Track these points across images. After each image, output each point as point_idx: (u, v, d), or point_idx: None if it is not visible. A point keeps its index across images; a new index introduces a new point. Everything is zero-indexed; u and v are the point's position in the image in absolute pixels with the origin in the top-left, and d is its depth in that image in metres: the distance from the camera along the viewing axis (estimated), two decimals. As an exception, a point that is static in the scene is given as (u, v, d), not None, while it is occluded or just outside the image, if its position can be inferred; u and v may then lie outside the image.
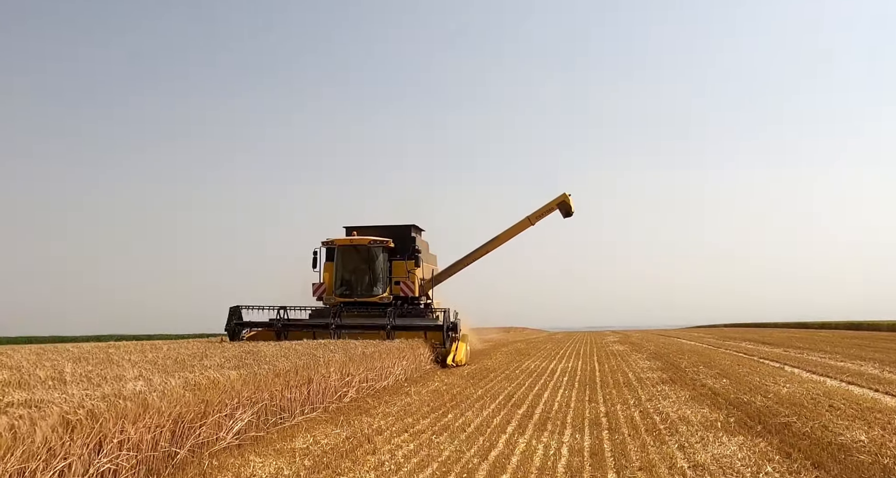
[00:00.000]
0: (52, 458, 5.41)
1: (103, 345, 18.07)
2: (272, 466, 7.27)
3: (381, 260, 23.19)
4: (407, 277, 23.46)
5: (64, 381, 8.06)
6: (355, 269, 23.31)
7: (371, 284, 23.12)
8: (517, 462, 7.40)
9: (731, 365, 18.78)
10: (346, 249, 23.27)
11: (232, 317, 21.44)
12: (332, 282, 23.05)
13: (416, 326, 20.79)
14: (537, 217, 25.65)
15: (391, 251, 23.48)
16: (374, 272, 23.15)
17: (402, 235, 24.10)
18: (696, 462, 7.31)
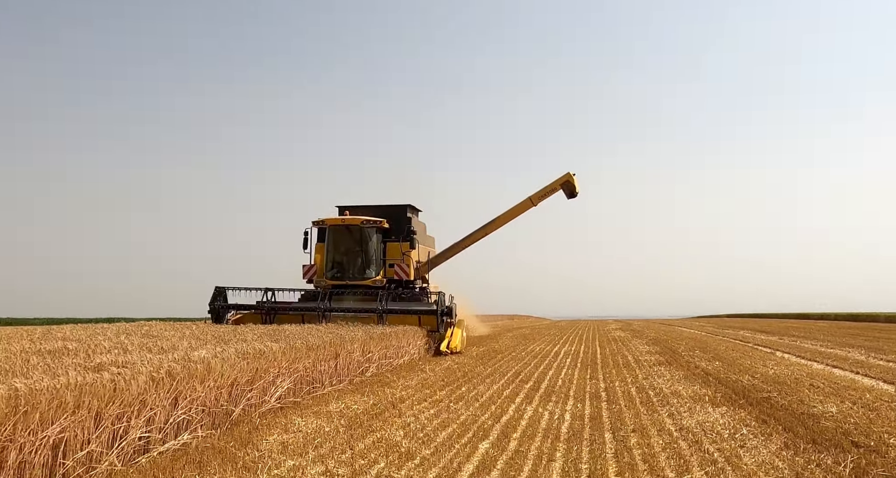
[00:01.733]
0: (143, 408, 6.51)
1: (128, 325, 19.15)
2: (313, 424, 8.37)
3: (374, 241, 22.19)
4: (401, 259, 22.33)
5: (126, 349, 9.16)
6: (347, 250, 22.26)
7: (364, 266, 22.08)
8: (526, 424, 8.50)
9: (726, 350, 19.86)
10: (337, 229, 22.14)
11: (216, 298, 20.34)
12: (323, 264, 22.00)
13: (409, 311, 19.73)
14: (539, 197, 24.19)
15: (385, 232, 22.49)
16: (367, 254, 22.15)
17: (397, 216, 22.93)
18: (682, 426, 8.40)
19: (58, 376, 5.94)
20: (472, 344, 23.05)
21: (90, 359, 7.62)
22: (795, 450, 7.04)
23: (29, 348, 9.23)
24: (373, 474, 6.07)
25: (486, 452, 6.97)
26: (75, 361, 7.34)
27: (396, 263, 22.29)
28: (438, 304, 19.59)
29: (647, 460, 6.65)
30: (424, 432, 7.98)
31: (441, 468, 6.28)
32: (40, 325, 30.07)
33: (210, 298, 20.26)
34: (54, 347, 9.27)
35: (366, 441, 7.43)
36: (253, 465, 6.31)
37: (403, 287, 22.51)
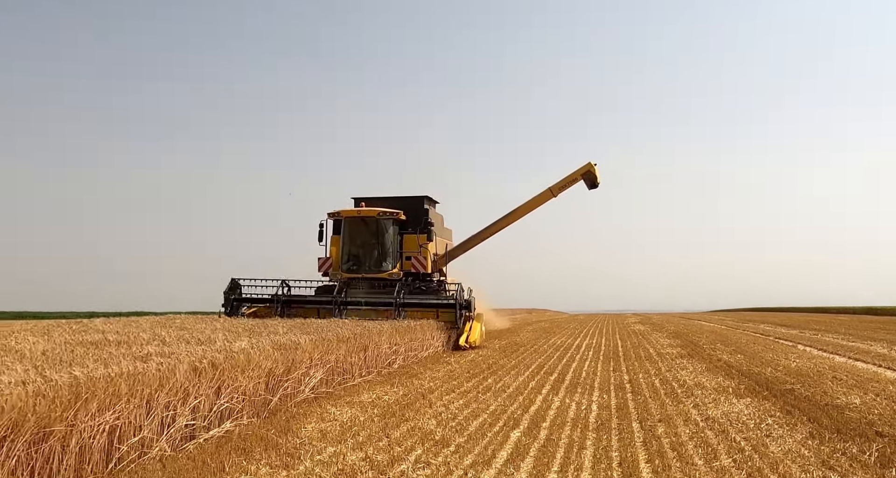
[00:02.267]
0: (188, 397, 6.79)
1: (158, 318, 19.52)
2: (347, 413, 8.63)
3: (390, 233, 21.70)
4: (418, 251, 21.81)
5: (165, 341, 9.46)
6: (363, 243, 21.80)
7: (380, 258, 21.62)
8: (554, 414, 8.71)
9: (747, 343, 19.95)
10: (353, 221, 21.75)
11: (231, 291, 20.21)
12: (338, 256, 21.62)
13: (427, 304, 19.43)
14: (560, 188, 23.50)
15: (402, 224, 22.02)
16: (384, 246, 21.67)
17: (414, 208, 22.42)
18: (707, 416, 8.57)
19: (110, 366, 6.22)
20: (494, 337, 23.27)
21: (136, 350, 7.91)
22: (821, 439, 7.19)
23: (72, 340, 9.55)
24: (411, 460, 6.31)
25: (518, 440, 7.19)
26: (121, 351, 7.64)
27: (413, 255, 21.85)
28: (457, 297, 19.25)
29: (675, 448, 6.84)
30: (456, 421, 8.21)
31: (476, 455, 6.51)
32: (58, 318, 30.68)
33: (225, 291, 20.17)
34: (96, 339, 9.59)
35: (400, 430, 7.67)
36: (295, 451, 6.57)
37: (420, 280, 22.05)
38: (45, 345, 8.66)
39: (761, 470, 6.02)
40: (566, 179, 23.64)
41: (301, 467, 6.02)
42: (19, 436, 4.77)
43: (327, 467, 6.04)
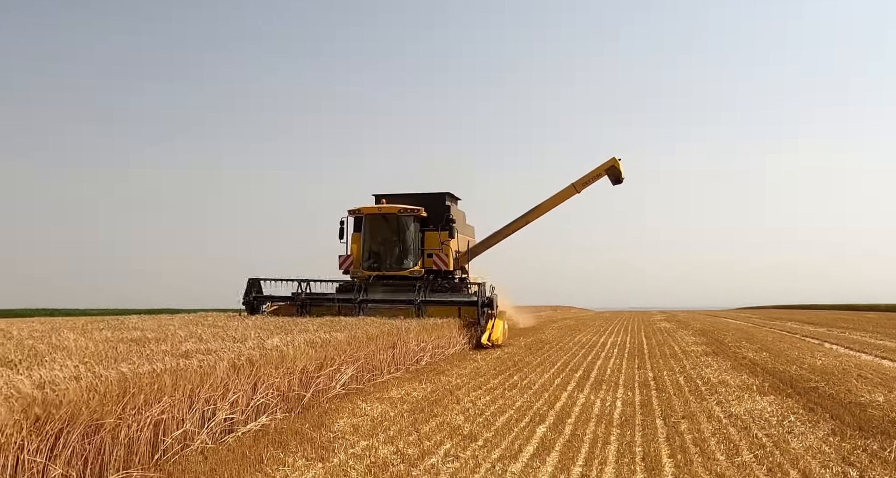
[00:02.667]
0: (227, 392, 7.09)
1: (190, 315, 19.95)
2: (378, 409, 8.90)
3: (411, 230, 21.46)
4: (440, 249, 21.52)
5: (202, 338, 9.79)
6: (384, 240, 21.56)
7: (401, 256, 21.40)
8: (579, 411, 8.91)
9: (773, 341, 19.94)
10: (373, 218, 21.49)
11: (251, 289, 20.02)
12: (359, 254, 21.43)
13: (449, 302, 19.18)
14: (583, 184, 23.04)
15: (424, 221, 21.75)
16: (405, 244, 21.43)
17: (435, 204, 22.15)
18: (730, 413, 8.72)
19: (154, 362, 6.53)
20: (519, 335, 23.47)
21: (176, 347, 8.24)
22: (842, 436, 7.32)
23: (112, 337, 9.91)
24: (440, 453, 6.55)
25: (544, 435, 7.40)
26: (162, 348, 7.96)
27: (435, 252, 21.56)
28: (479, 295, 18.95)
29: (697, 444, 7.01)
30: (483, 416, 8.44)
31: (503, 449, 6.73)
32: (82, 315, 31.28)
33: (245, 291, 19.98)
34: (135, 337, 9.95)
35: (429, 425, 7.92)
36: (329, 445, 6.84)
37: (442, 278, 21.71)
38: (88, 343, 9.02)
39: (781, 465, 6.17)
40: (590, 174, 23.16)
41: (336, 459, 6.29)
42: (74, 428, 5.08)
43: (360, 460, 6.30)
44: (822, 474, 5.88)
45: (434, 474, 5.85)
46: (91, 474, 5.24)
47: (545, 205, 23.33)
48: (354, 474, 5.79)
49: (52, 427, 4.90)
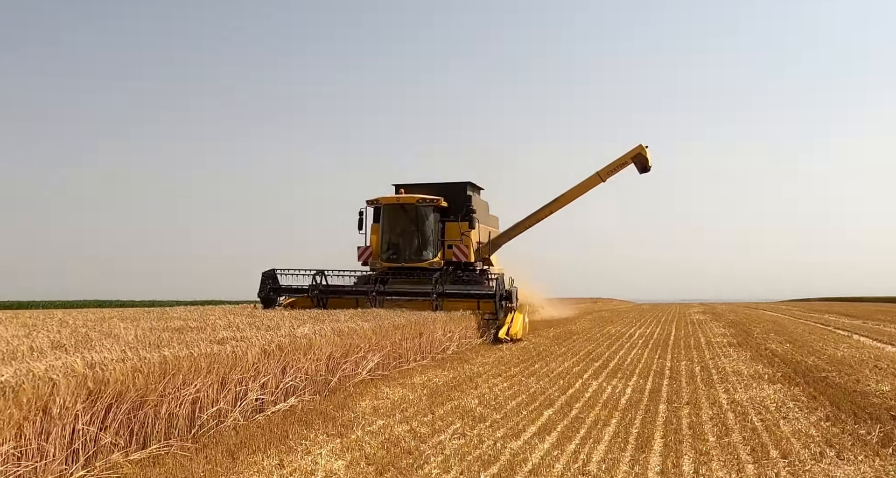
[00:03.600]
0: (258, 375, 7.80)
1: (229, 307, 20.91)
2: (399, 393, 9.54)
3: (431, 221, 20.94)
4: (460, 240, 21.08)
5: (239, 327, 10.55)
6: (403, 231, 21.08)
7: (420, 247, 20.88)
8: (589, 396, 9.44)
9: (802, 333, 20.09)
10: (392, 208, 21.06)
11: (266, 282, 19.83)
12: (378, 245, 21.09)
13: (465, 295, 18.52)
14: (608, 172, 22.56)
15: (444, 212, 21.32)
16: (424, 235, 20.89)
17: (456, 194, 21.64)
18: (733, 400, 9.16)
19: (192, 348, 7.26)
20: (550, 326, 23.94)
21: (213, 335, 8.99)
22: (834, 421, 7.72)
23: (157, 326, 10.74)
24: (449, 432, 7.16)
25: (549, 417, 7.96)
26: (201, 336, 8.72)
27: (455, 243, 21.13)
28: (496, 287, 18.33)
29: (692, 427, 7.49)
30: (497, 401, 9.02)
31: (508, 429, 7.31)
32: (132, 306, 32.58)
33: (260, 283, 19.86)
34: (178, 326, 10.76)
35: (445, 407, 8.53)
36: (349, 423, 7.50)
37: (462, 269, 21.17)
38: (136, 331, 9.84)
39: (765, 446, 6.63)
40: (615, 162, 22.66)
41: (353, 435, 6.94)
42: (122, 403, 5.81)
43: (375, 436, 6.94)
44: (801, 454, 6.33)
45: (440, 449, 6.46)
46: (136, 443, 5.98)
47: (568, 195, 22.93)
48: (368, 448, 6.43)
49: (102, 402, 5.63)
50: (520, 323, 17.88)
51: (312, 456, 6.17)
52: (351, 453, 6.29)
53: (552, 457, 6.18)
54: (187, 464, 5.83)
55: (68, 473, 5.20)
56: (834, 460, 6.14)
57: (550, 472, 5.72)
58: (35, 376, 5.22)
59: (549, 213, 23.05)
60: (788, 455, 6.28)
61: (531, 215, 23.24)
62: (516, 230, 23.52)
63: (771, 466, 5.94)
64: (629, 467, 5.87)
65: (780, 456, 6.28)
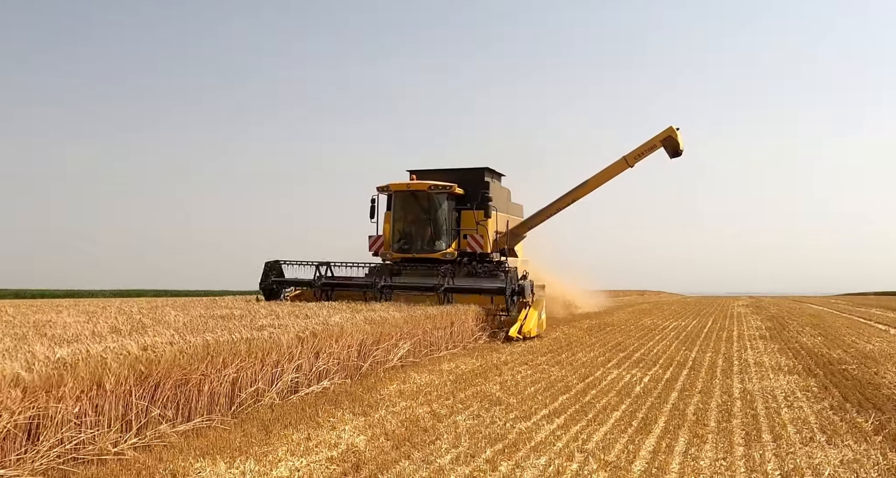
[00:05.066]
0: (293, 359, 8.50)
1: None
2: (426, 379, 10.17)
3: (444, 209, 19.59)
4: (475, 229, 19.72)
5: (278, 316, 11.30)
6: (416, 219, 19.89)
7: (433, 237, 19.57)
8: (605, 384, 9.92)
9: (839, 327, 20.09)
10: (403, 195, 19.81)
11: (269, 273, 18.88)
12: (390, 235, 19.90)
13: (474, 289, 17.15)
14: (636, 157, 20.98)
15: (459, 199, 20.00)
16: (437, 223, 19.59)
17: (473, 181, 20.26)
18: (745, 389, 9.54)
19: (233, 333, 8.00)
20: (585, 318, 24.30)
21: (254, 322, 9.75)
22: (836, 410, 8.08)
23: (204, 314, 11.56)
24: (466, 413, 7.75)
25: (562, 402, 8.48)
26: (243, 323, 9.48)
27: (470, 233, 19.76)
28: (507, 281, 16.87)
29: (697, 414, 7.93)
30: (517, 387, 9.58)
31: (520, 411, 7.87)
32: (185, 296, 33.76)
33: (262, 274, 19.01)
34: (224, 314, 11.57)
35: (466, 392, 9.12)
36: (375, 404, 8.15)
37: (478, 261, 19.77)
38: (185, 318, 10.66)
39: (759, 430, 7.06)
40: (643, 146, 21.08)
41: (376, 415, 7.59)
42: (168, 380, 6.54)
43: (397, 415, 7.58)
44: (792, 438, 6.75)
45: (454, 427, 7.05)
46: (181, 416, 6.71)
47: (593, 181, 21.48)
48: (388, 426, 7.06)
49: (152, 379, 6.37)
50: (534, 320, 16.59)
51: (337, 432, 6.83)
52: (372, 429, 6.94)
53: (555, 436, 6.73)
54: (226, 436, 6.55)
55: (122, 440, 5.95)
56: (821, 444, 6.54)
57: (551, 448, 6.26)
58: (90, 355, 5.98)
59: (573, 201, 21.65)
60: (779, 439, 6.70)
61: (553, 203, 21.88)
62: (537, 219, 22.19)
63: (759, 448, 6.38)
64: (624, 446, 6.38)
65: (771, 440, 6.70)
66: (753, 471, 5.65)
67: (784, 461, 5.92)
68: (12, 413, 5.04)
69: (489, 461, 5.83)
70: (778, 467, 5.78)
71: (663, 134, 20.93)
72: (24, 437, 5.15)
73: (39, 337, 7.55)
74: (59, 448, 5.34)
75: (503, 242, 20.93)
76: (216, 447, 6.14)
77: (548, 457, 5.98)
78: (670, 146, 21.07)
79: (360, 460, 5.80)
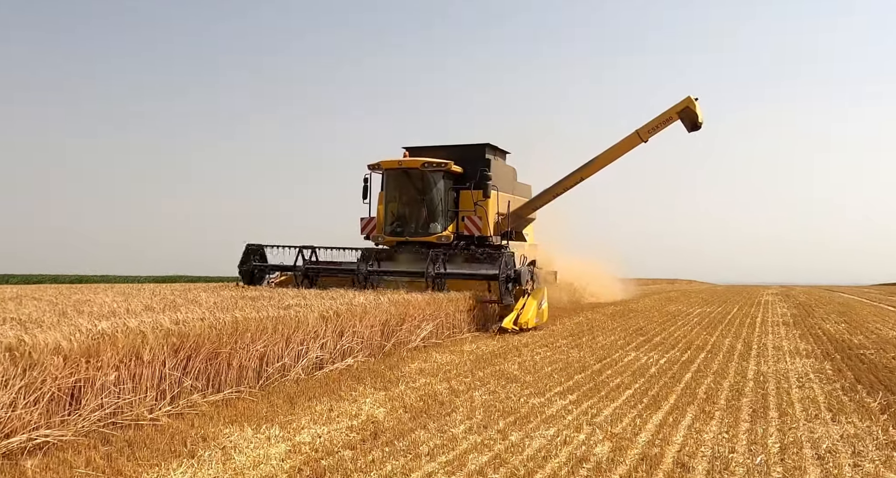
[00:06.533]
0: (318, 337, 8.88)
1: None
2: (447, 358, 10.50)
3: (439, 188, 18.25)
4: (473, 211, 18.38)
5: (305, 297, 11.69)
6: (410, 200, 18.60)
7: (428, 219, 18.34)
8: (621, 365, 10.16)
9: (866, 315, 20.03)
10: (395, 174, 18.51)
11: (250, 257, 17.74)
12: (383, 216, 18.75)
13: (465, 275, 15.59)
14: (650, 131, 19.43)
15: (458, 178, 18.64)
16: (431, 204, 18.31)
17: (473, 158, 18.79)
18: (759, 371, 9.73)
19: (261, 311, 8.39)
20: (610, 304, 24.45)
21: (282, 302, 10.15)
22: (846, 391, 8.25)
23: (234, 295, 12.01)
24: (482, 390, 8.06)
25: (577, 380, 8.76)
26: (271, 303, 9.88)
27: (467, 215, 18.45)
28: (501, 267, 14.96)
29: (708, 393, 8.15)
30: (534, 366, 9.86)
31: (535, 388, 8.17)
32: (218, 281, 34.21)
33: (242, 256, 17.82)
34: (253, 295, 12.00)
35: (485, 371, 9.43)
36: (396, 380, 8.50)
37: (477, 245, 18.42)
38: (216, 298, 11.10)
39: (766, 408, 7.28)
40: (658, 119, 19.51)
41: (396, 390, 7.94)
42: (200, 354, 6.95)
43: (416, 390, 7.92)
44: (797, 415, 6.95)
45: (470, 401, 7.37)
46: (212, 387, 7.12)
47: (603, 158, 20.04)
48: (407, 399, 7.41)
49: (184, 352, 6.78)
50: (533, 310, 14.98)
51: (358, 404, 7.18)
52: (392, 402, 7.28)
53: (566, 410, 7.01)
54: (253, 406, 6.94)
55: (157, 407, 6.37)
56: (825, 421, 6.74)
57: (561, 421, 6.55)
58: (128, 328, 6.39)
59: (580, 179, 20.26)
60: (784, 416, 6.92)
61: (559, 182, 20.47)
62: (542, 200, 20.84)
63: (764, 423, 6.60)
64: (631, 420, 6.64)
65: (777, 417, 6.92)
66: (754, 443, 5.88)
67: (785, 435, 6.14)
68: (55, 378, 5.46)
69: (500, 431, 6.14)
70: (779, 440, 6.00)
71: (680, 105, 19.34)
72: (68, 401, 5.57)
73: (79, 313, 8.01)
74: (99, 412, 5.76)
75: (504, 224, 19.45)
76: (244, 416, 6.53)
77: (556, 428, 6.27)
78: (688, 119, 19.46)
79: (379, 429, 6.14)
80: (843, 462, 5.35)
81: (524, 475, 4.94)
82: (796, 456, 5.50)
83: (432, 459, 5.31)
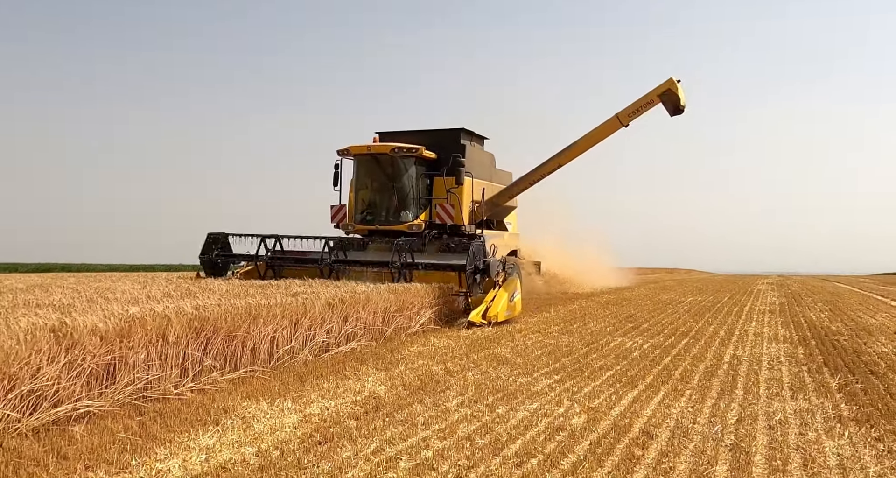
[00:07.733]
0: (324, 322, 9.60)
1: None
2: (444, 343, 11.21)
3: (410, 175, 17.66)
4: (445, 198, 17.75)
5: (311, 285, 12.41)
6: (380, 187, 17.97)
7: (399, 207, 17.72)
8: (609, 349, 10.87)
9: (852, 304, 20.71)
10: (365, 160, 17.90)
11: (212, 245, 17.09)
12: (353, 204, 18.20)
13: (431, 265, 14.90)
14: (630, 115, 18.66)
15: (431, 165, 18.03)
16: (402, 191, 17.70)
17: (448, 144, 18.13)
18: (735, 355, 10.43)
19: (270, 298, 9.11)
20: (605, 293, 25.14)
21: (290, 290, 10.87)
22: (812, 373, 8.95)
23: (245, 283, 12.73)
24: (476, 370, 8.78)
25: (563, 362, 9.47)
26: (280, 291, 10.60)
27: (439, 203, 17.82)
28: (469, 258, 14.38)
29: (682, 374, 8.86)
30: (526, 350, 10.58)
31: (523, 368, 8.89)
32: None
33: (203, 245, 17.17)
34: (263, 283, 12.72)
35: (479, 354, 10.15)
36: (395, 362, 9.23)
37: (450, 234, 17.84)
38: (227, 286, 11.82)
39: (735, 387, 7.99)
40: (639, 102, 18.77)
41: (395, 370, 8.66)
42: (217, 336, 7.66)
43: (415, 371, 8.64)
44: (760, 394, 7.66)
45: (464, 380, 8.09)
46: (229, 366, 7.85)
47: (583, 142, 19.17)
48: (406, 378, 8.13)
49: (204, 334, 7.50)
50: (503, 302, 14.12)
51: (362, 382, 7.91)
52: (392, 381, 8.01)
53: (550, 388, 7.74)
54: (267, 383, 7.67)
55: (182, 384, 7.09)
56: (785, 398, 7.45)
57: (544, 397, 7.27)
58: (155, 312, 7.11)
59: (558, 165, 19.47)
60: (748, 394, 7.63)
61: (536, 169, 19.74)
62: (518, 187, 20.16)
63: (728, 400, 7.31)
64: (608, 396, 7.36)
65: (742, 395, 7.63)
66: (714, 416, 6.59)
67: (745, 410, 6.85)
68: (93, 356, 6.18)
69: (489, 405, 6.86)
70: (737, 414, 6.71)
71: (661, 87, 18.56)
72: (105, 376, 6.29)
73: (105, 300, 8.73)
74: (131, 387, 6.48)
75: (479, 212, 18.70)
76: (259, 391, 7.26)
77: (539, 403, 6.99)
78: (670, 102, 18.71)
79: (380, 403, 6.87)
80: (790, 432, 6.06)
81: (506, 441, 5.66)
82: (750, 426, 6.21)
83: (427, 427, 6.03)
